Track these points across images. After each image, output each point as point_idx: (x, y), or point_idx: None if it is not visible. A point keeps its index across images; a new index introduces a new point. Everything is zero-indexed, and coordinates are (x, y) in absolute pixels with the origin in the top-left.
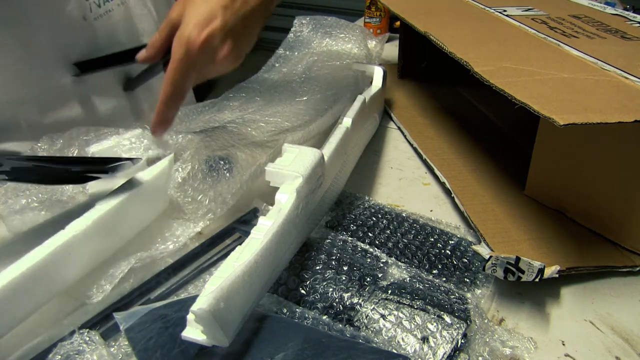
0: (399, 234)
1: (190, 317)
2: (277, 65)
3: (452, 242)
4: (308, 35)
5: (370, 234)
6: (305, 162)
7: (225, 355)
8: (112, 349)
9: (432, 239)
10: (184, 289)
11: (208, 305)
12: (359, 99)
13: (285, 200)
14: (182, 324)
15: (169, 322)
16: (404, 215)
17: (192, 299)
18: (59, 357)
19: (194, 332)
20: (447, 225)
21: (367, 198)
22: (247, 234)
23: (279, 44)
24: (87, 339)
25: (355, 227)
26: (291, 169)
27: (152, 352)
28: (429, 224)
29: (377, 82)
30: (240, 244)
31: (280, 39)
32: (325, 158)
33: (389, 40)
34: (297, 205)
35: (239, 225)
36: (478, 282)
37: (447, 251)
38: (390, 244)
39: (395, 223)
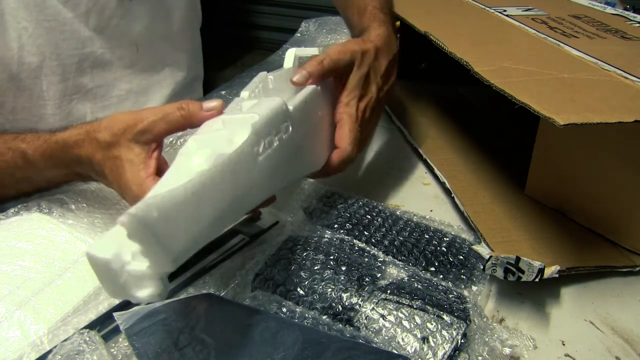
0: (394, 232)
1: (123, 245)
2: (277, 59)
3: (447, 239)
4: (314, 34)
5: (366, 233)
6: (263, 106)
7: (225, 355)
8: (112, 350)
9: (427, 236)
10: (184, 290)
11: (137, 209)
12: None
13: (241, 133)
14: (182, 324)
15: (169, 323)
16: (397, 213)
17: (192, 299)
18: (59, 357)
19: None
20: (441, 223)
21: (359, 197)
22: (249, 235)
23: (278, 44)
24: (87, 339)
25: (350, 226)
26: (247, 113)
27: (151, 353)
28: (423, 221)
29: None
30: (242, 246)
31: (279, 39)
32: (291, 108)
33: None
34: (254, 140)
35: (241, 227)
36: (475, 278)
37: (443, 248)
38: (386, 242)
39: (390, 221)
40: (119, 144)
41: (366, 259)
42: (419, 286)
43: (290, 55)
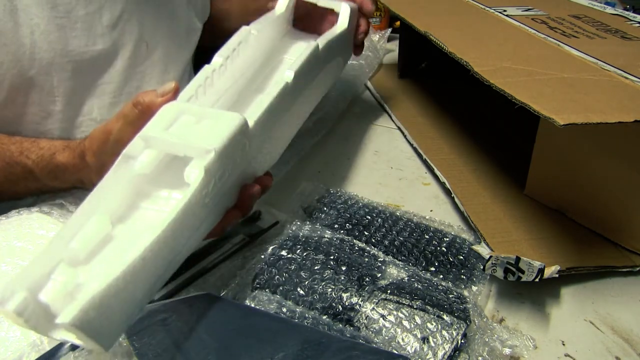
0: (394, 232)
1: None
2: None
3: (447, 239)
4: None
5: (366, 233)
6: (221, 131)
7: (225, 355)
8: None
9: (427, 237)
10: (184, 290)
11: (72, 318)
12: (310, 47)
13: (193, 178)
14: (182, 324)
15: (169, 323)
16: (397, 213)
17: (192, 299)
18: (59, 357)
19: (68, 336)
20: (441, 223)
21: (360, 197)
22: (249, 235)
23: None
24: None
25: (350, 226)
26: (202, 141)
27: (152, 353)
28: (423, 222)
29: (343, 22)
30: (242, 246)
31: None
32: (252, 122)
33: (389, 40)
34: (205, 185)
35: (241, 228)
36: (475, 278)
37: (443, 248)
38: (386, 242)
39: (390, 221)
40: (105, 162)
41: (366, 259)
42: (419, 286)
43: None
